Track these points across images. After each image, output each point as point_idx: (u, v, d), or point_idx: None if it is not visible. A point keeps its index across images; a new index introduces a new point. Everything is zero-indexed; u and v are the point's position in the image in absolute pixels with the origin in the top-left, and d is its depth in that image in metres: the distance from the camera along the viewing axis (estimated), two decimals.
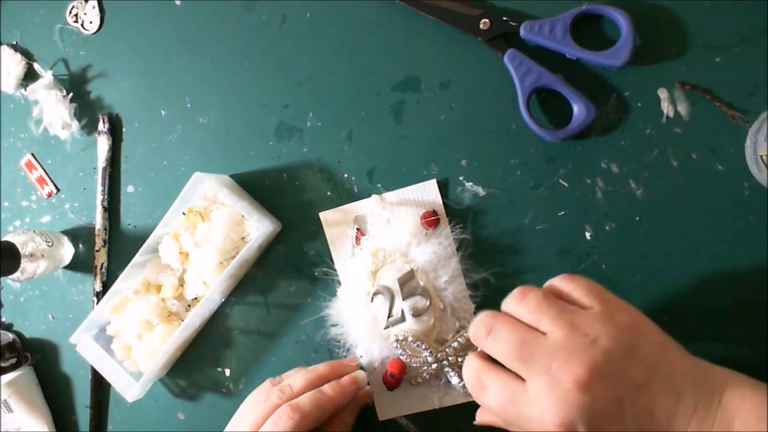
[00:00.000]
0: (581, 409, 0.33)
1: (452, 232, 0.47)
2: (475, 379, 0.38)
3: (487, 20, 0.45)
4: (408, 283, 0.46)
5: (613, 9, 0.43)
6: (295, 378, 0.45)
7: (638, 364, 0.34)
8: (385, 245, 0.47)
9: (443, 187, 0.48)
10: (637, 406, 0.34)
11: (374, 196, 0.48)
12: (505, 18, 0.45)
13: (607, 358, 0.34)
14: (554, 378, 0.34)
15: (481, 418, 0.41)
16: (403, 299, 0.46)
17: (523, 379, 0.35)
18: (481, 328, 0.38)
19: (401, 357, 0.46)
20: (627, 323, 0.36)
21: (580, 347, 0.34)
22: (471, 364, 0.38)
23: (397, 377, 0.46)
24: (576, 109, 0.44)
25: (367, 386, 0.47)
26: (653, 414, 0.34)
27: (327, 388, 0.44)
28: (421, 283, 0.46)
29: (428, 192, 0.48)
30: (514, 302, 0.37)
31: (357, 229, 0.49)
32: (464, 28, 0.46)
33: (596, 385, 0.33)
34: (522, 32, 0.45)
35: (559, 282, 0.38)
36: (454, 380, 0.45)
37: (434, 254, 0.46)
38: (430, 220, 0.46)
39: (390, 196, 0.48)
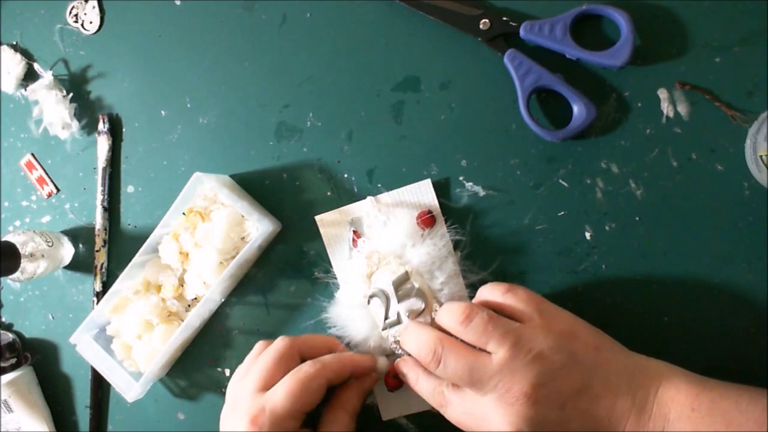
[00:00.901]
0: (527, 419, 0.36)
1: (448, 232, 0.47)
2: (438, 394, 0.41)
3: (486, 20, 0.45)
4: (402, 286, 0.46)
5: (613, 9, 0.43)
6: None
7: (578, 370, 0.37)
8: (380, 247, 0.47)
9: (443, 187, 0.48)
10: (579, 408, 0.37)
11: (369, 198, 0.48)
12: (504, 18, 0.45)
13: (548, 369, 0.36)
14: (501, 395, 0.37)
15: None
16: (399, 302, 0.46)
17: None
18: (428, 354, 0.40)
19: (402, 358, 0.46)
20: (564, 330, 0.38)
21: (522, 365, 0.37)
22: (430, 384, 0.41)
23: (399, 378, 0.45)
24: (576, 109, 0.44)
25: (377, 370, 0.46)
26: (595, 414, 0.37)
27: (347, 352, 0.45)
28: (416, 285, 0.46)
29: (423, 192, 0.47)
30: (460, 327, 0.39)
31: (353, 231, 0.49)
32: (464, 28, 0.46)
33: (540, 396, 0.36)
34: (522, 32, 0.45)
35: (502, 294, 0.41)
36: None
37: (429, 255, 0.46)
38: (426, 219, 0.46)
39: (385, 197, 0.48)
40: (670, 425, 0.36)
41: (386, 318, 0.46)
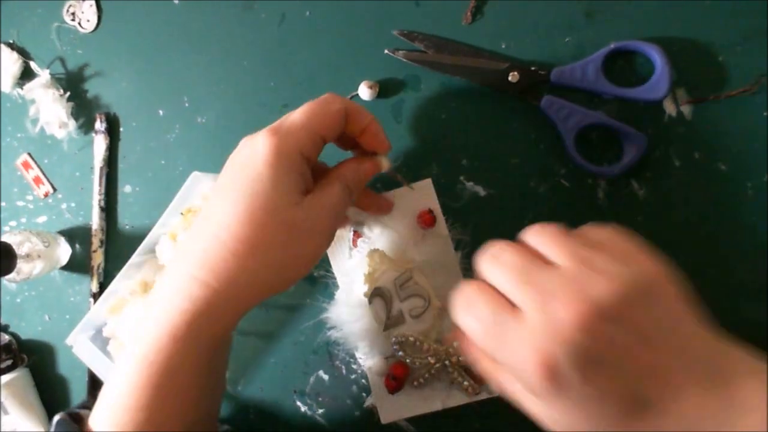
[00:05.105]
0: (573, 348, 0.29)
1: (450, 231, 0.46)
2: (465, 294, 0.33)
3: (515, 73, 0.44)
4: (405, 284, 0.46)
5: (644, 43, 0.42)
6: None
7: (652, 317, 0.30)
8: (381, 247, 0.47)
9: (443, 187, 0.47)
10: (636, 358, 0.29)
11: None
12: (533, 68, 0.44)
13: (618, 300, 0.29)
14: (552, 310, 0.29)
15: (450, 336, 0.40)
16: (401, 300, 0.46)
17: (516, 308, 0.31)
18: (485, 253, 0.34)
19: (402, 359, 0.45)
20: (654, 273, 0.31)
21: (591, 282, 0.30)
22: (466, 283, 0.34)
23: (399, 380, 0.45)
24: (626, 140, 0.43)
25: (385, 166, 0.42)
26: (651, 372, 0.30)
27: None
28: (419, 284, 0.45)
29: (424, 191, 0.47)
30: (531, 234, 0.34)
31: (353, 231, 0.48)
32: (494, 83, 0.45)
33: (598, 325, 0.29)
34: (553, 79, 0.44)
35: (586, 228, 0.34)
36: (458, 379, 0.45)
37: (430, 254, 0.46)
38: (427, 218, 0.46)
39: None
40: (740, 420, 0.29)
41: (388, 317, 0.45)
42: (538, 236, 0.33)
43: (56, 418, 0.39)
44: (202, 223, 0.38)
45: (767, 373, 0.30)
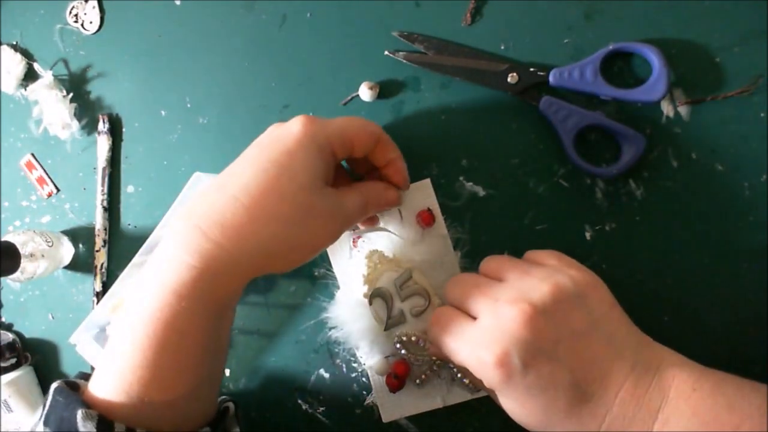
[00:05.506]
0: (518, 341, 0.34)
1: (449, 230, 0.47)
2: (437, 315, 0.40)
3: (514, 74, 0.45)
4: (405, 284, 0.46)
5: (642, 45, 0.43)
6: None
7: (583, 314, 0.36)
8: (381, 246, 0.47)
9: (443, 187, 0.48)
10: (573, 351, 0.35)
11: None
12: (532, 69, 0.44)
13: (552, 298, 0.35)
14: (499, 312, 0.35)
15: (431, 350, 0.43)
16: (402, 300, 0.46)
17: (474, 318, 0.37)
18: (449, 281, 0.41)
19: (405, 357, 0.46)
20: (582, 278, 0.37)
21: (530, 287, 0.36)
22: (441, 307, 0.41)
23: (401, 378, 0.46)
24: (625, 141, 0.43)
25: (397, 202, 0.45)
26: (588, 363, 0.35)
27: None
28: (419, 283, 0.46)
29: (423, 191, 0.47)
30: (484, 262, 0.42)
31: (353, 231, 0.49)
32: (493, 85, 0.45)
33: (537, 320, 0.34)
34: (551, 80, 0.44)
35: (528, 253, 0.42)
36: (459, 376, 0.45)
37: (430, 254, 0.46)
38: (426, 218, 0.46)
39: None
40: (668, 403, 0.34)
41: (389, 317, 0.46)
42: (489, 262, 0.41)
43: (53, 386, 0.37)
44: (217, 185, 0.38)
45: (683, 357, 0.37)
